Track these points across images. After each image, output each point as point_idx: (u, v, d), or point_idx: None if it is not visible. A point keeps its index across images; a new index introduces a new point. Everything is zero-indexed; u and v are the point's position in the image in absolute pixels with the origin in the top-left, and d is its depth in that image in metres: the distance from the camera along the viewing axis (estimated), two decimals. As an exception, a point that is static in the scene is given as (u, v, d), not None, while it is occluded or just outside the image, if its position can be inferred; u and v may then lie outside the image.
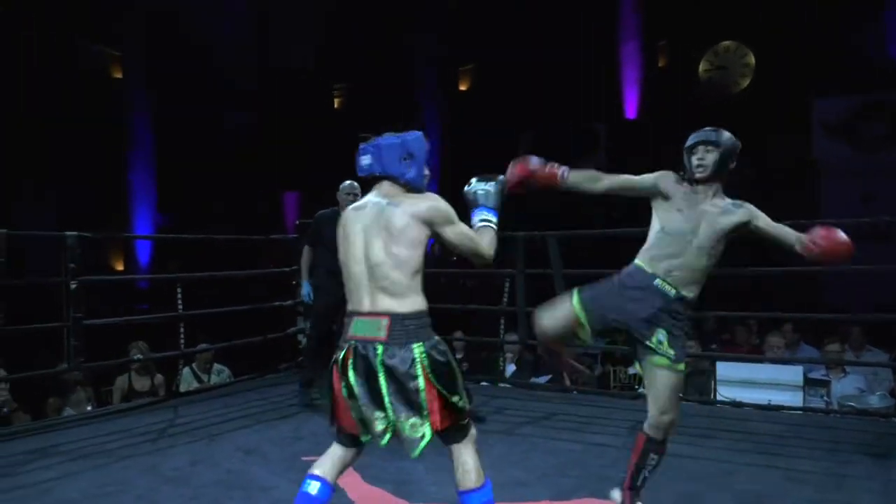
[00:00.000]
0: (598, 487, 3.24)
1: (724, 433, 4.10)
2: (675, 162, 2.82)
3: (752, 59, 11.57)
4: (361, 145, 2.38)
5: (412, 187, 2.34)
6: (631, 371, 6.66)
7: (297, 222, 6.22)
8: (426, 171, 2.38)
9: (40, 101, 10.82)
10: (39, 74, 10.90)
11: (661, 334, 2.65)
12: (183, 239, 10.71)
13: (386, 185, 2.34)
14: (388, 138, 2.34)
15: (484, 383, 5.78)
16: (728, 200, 2.78)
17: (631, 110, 12.66)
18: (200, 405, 5.04)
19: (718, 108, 11.01)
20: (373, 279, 2.26)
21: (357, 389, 2.24)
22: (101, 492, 3.27)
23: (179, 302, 5.27)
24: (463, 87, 14.93)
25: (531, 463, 3.61)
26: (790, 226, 2.78)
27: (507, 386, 5.58)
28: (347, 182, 4.77)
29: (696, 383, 5.54)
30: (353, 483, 3.32)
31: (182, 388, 5.60)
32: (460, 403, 2.29)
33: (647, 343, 2.66)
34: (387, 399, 2.21)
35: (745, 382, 5.00)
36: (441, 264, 6.23)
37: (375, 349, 2.21)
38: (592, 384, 6.03)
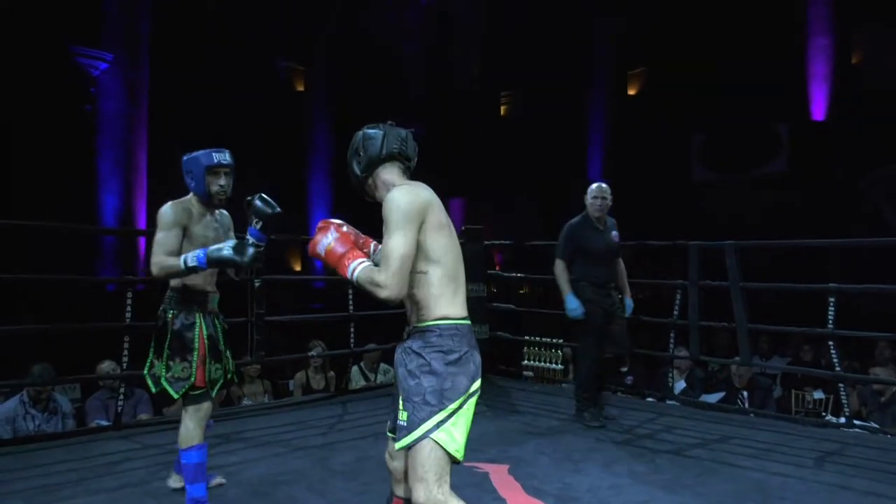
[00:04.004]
0: (781, 522, 2.97)
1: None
2: (866, 167, 2.45)
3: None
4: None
5: (196, 196, 2.98)
6: (816, 395, 6.10)
7: (463, 228, 6.28)
8: (205, 184, 2.91)
9: (236, 112, 11.79)
10: (233, 89, 11.89)
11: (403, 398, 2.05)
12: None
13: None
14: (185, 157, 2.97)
15: (650, 399, 5.52)
16: None
17: (818, 110, 11.65)
18: (367, 403, 5.23)
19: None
20: None
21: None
22: (278, 480, 3.47)
23: (350, 302, 5.49)
24: (632, 91, 14.50)
25: (706, 488, 3.37)
26: None
27: (676, 403, 5.28)
28: (595, 185, 4.50)
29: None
30: (513, 495, 3.27)
31: (351, 386, 5.85)
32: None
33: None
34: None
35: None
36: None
37: None
38: (771, 407, 5.58)
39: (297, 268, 13.65)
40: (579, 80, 14.36)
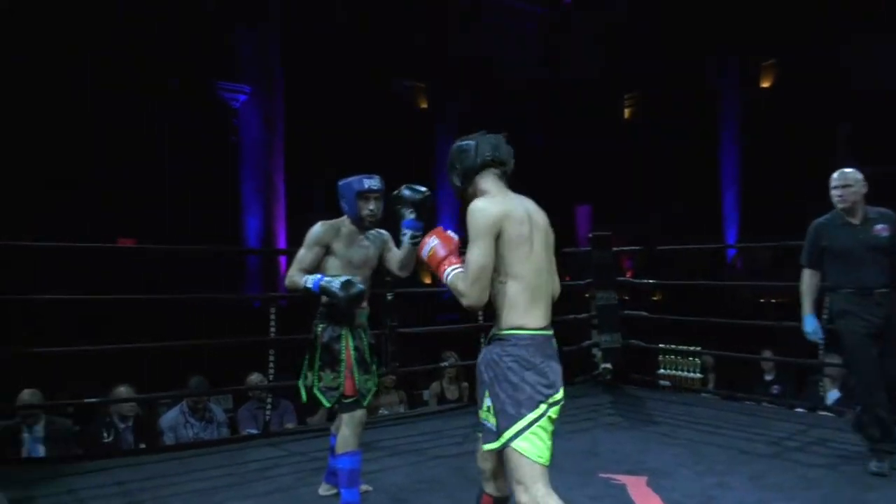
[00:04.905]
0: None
1: None
2: None
3: None
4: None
5: (349, 218, 3.14)
6: None
7: (590, 235, 6.21)
8: (356, 207, 3.09)
9: (364, 133, 12.24)
10: (360, 110, 12.37)
11: (486, 399, 2.12)
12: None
13: None
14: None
15: (799, 410, 5.19)
16: None
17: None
18: (500, 413, 5.23)
19: None
20: None
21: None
22: (415, 487, 3.56)
23: (480, 314, 5.53)
24: (765, 84, 13.76)
25: (865, 505, 3.13)
26: None
27: (829, 414, 4.92)
28: (837, 172, 3.77)
29: None
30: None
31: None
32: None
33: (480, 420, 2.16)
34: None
35: None
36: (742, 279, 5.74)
37: None
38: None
39: (427, 280, 13.94)
40: (708, 76, 13.80)
